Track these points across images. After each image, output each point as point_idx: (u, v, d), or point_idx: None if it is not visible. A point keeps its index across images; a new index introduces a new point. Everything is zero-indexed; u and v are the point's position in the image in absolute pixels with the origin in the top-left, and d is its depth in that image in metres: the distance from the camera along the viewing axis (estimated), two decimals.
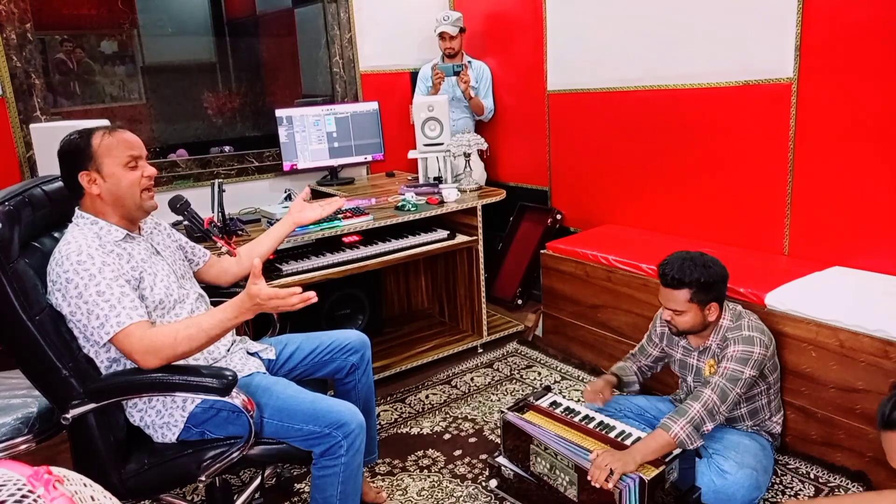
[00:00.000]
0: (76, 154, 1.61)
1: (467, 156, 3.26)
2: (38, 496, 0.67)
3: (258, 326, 2.66)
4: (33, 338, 1.50)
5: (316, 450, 1.66)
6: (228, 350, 1.83)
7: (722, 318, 2.06)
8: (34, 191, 1.67)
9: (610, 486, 1.78)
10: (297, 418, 1.65)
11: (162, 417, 1.66)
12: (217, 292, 2.06)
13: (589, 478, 1.82)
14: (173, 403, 1.66)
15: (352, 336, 2.05)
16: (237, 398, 1.55)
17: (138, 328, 1.51)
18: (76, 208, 1.67)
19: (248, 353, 1.89)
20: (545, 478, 2.00)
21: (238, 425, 1.65)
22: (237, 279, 2.07)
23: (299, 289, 1.54)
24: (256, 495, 2.18)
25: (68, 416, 1.54)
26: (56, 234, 1.67)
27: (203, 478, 1.62)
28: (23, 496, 0.67)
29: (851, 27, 2.38)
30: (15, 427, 1.72)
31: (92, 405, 1.54)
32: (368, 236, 2.91)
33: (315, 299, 1.54)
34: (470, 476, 2.32)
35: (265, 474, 2.24)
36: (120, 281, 1.55)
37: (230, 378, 1.52)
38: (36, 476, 0.69)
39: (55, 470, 0.72)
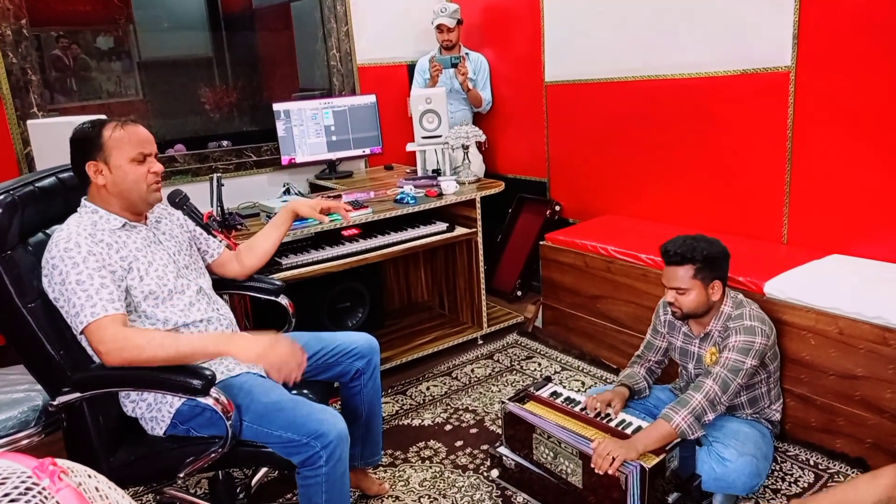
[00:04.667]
0: (86, 143, 1.63)
1: (466, 148, 3.26)
2: (44, 487, 0.67)
3: (258, 322, 2.67)
4: (27, 324, 1.53)
5: (294, 459, 1.62)
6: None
7: (723, 303, 2.06)
8: (46, 180, 1.70)
9: (611, 471, 1.79)
10: (275, 424, 1.60)
11: (151, 411, 1.67)
12: (234, 285, 2.07)
13: (592, 465, 1.83)
14: (163, 398, 1.65)
15: (360, 340, 2.01)
16: (213, 399, 1.51)
17: (113, 322, 1.50)
18: (83, 198, 1.68)
19: None
20: (548, 466, 2.01)
21: (220, 426, 1.60)
22: (251, 272, 2.06)
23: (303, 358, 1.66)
24: (250, 493, 2.17)
25: (54, 402, 1.56)
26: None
27: (181, 474, 1.62)
28: (27, 488, 0.67)
29: (849, 15, 2.37)
30: (19, 421, 1.73)
31: (77, 394, 1.55)
32: (367, 229, 2.91)
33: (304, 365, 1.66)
34: (471, 466, 2.33)
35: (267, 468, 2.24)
36: (102, 272, 1.55)
37: (209, 377, 1.49)
38: (41, 468, 0.69)
39: (60, 462, 0.72)
